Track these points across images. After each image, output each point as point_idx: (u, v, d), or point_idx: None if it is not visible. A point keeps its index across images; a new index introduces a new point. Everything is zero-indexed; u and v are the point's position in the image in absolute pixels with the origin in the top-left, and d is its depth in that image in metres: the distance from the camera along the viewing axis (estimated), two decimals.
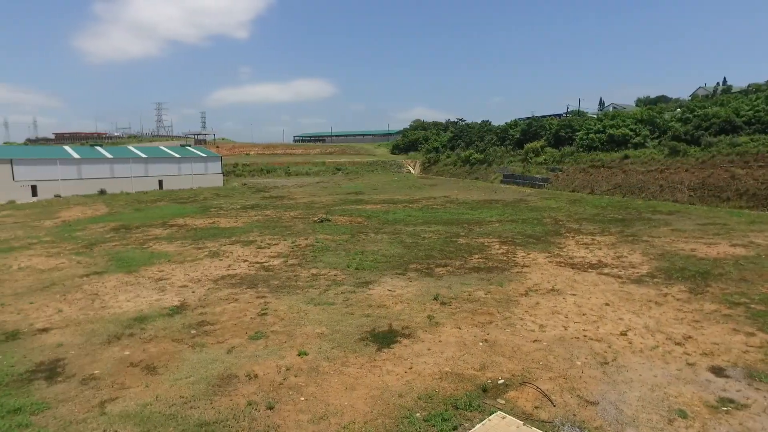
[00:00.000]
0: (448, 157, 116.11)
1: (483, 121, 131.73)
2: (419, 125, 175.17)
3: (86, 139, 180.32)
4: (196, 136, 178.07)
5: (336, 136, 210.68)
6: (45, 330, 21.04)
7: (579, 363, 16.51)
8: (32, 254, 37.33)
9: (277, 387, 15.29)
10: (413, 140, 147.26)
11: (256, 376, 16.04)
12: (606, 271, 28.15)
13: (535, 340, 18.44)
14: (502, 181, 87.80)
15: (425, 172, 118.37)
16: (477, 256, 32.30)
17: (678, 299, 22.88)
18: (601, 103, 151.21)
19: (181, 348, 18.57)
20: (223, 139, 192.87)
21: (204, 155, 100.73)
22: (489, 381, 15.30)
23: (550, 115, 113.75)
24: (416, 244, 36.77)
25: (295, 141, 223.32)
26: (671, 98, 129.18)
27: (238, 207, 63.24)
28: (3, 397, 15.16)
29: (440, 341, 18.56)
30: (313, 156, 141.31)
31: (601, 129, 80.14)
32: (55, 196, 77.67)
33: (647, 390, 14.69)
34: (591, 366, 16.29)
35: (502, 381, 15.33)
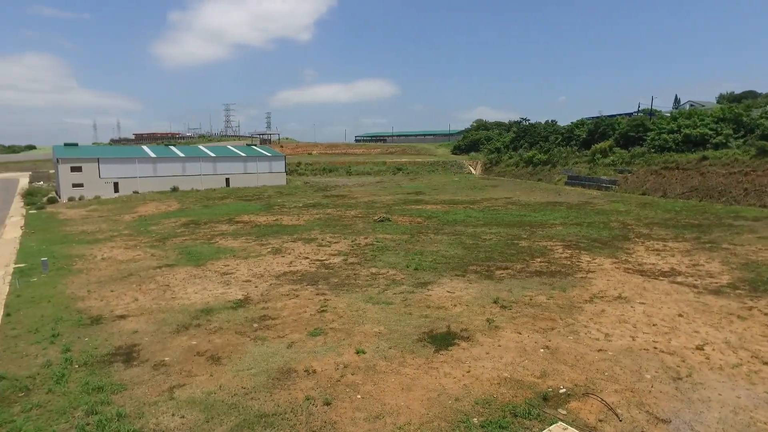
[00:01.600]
0: (510, 157, 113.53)
1: (548, 121, 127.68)
2: (481, 125, 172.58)
3: (162, 139, 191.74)
4: (261, 136, 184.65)
5: (397, 136, 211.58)
6: (123, 317, 22.52)
7: (648, 376, 15.58)
8: (113, 246, 40.10)
9: (335, 383, 15.50)
10: (475, 140, 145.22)
11: (314, 371, 16.35)
12: (680, 279, 26.43)
13: (600, 350, 17.61)
14: (566, 183, 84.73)
15: (486, 173, 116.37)
16: (539, 260, 31.33)
17: (766, 314, 21.09)
18: (677, 100, 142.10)
19: (243, 340, 19.27)
20: (287, 138, 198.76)
21: (269, 154, 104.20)
22: (550, 389, 14.77)
23: (619, 115, 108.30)
24: (476, 245, 36.18)
25: (356, 141, 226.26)
26: (761, 93, 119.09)
27: (300, 205, 64.88)
28: (88, 376, 16.41)
29: (500, 346, 18.14)
30: (374, 156, 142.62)
31: (676, 128, 75.41)
32: (134, 192, 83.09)
33: (729, 412, 13.59)
34: (662, 380, 15.33)
35: (564, 390, 14.75)
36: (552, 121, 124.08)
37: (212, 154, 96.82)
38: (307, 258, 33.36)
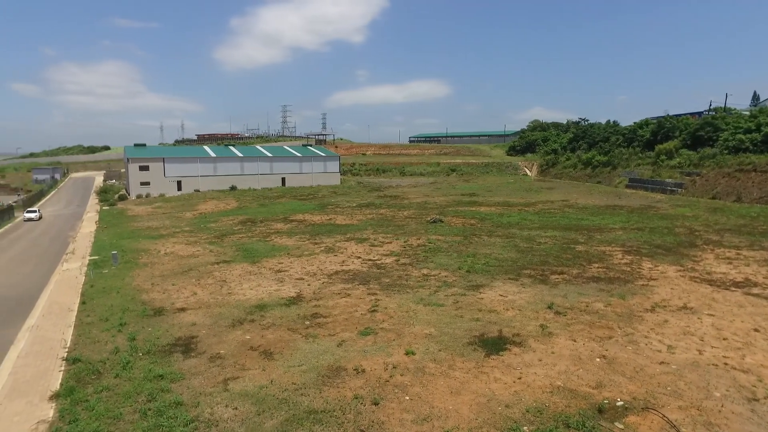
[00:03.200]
0: (567, 159, 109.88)
1: (608, 122, 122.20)
2: (537, 126, 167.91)
3: (222, 140, 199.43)
4: (316, 137, 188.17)
5: (451, 136, 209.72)
6: (183, 309, 23.57)
7: (718, 395, 14.56)
8: (175, 242, 42.10)
9: (384, 384, 15.53)
10: (531, 141, 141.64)
11: (363, 370, 16.44)
12: (755, 291, 24.59)
13: (662, 362, 16.66)
14: (627, 186, 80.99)
15: (542, 175, 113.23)
16: (596, 265, 30.11)
17: None
18: (755, 97, 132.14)
19: (295, 337, 19.67)
20: (341, 139, 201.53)
21: (323, 155, 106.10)
22: (606, 401, 14.12)
23: (687, 114, 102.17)
24: (531, 249, 35.26)
25: (410, 141, 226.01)
26: None
27: (354, 205, 65.60)
28: (151, 364, 17.30)
29: (553, 353, 17.56)
30: (428, 156, 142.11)
31: (754, 128, 70.29)
32: (195, 190, 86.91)
33: None
34: (734, 400, 14.27)
35: (621, 403, 14.06)
36: (613, 121, 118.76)
37: (269, 154, 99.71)
38: (359, 257, 33.66)
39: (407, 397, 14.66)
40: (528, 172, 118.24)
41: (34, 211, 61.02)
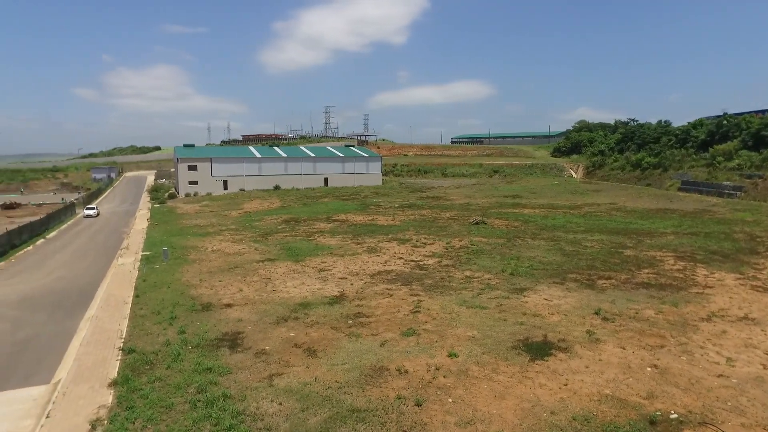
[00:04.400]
0: (615, 160, 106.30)
1: (660, 122, 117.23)
2: (584, 126, 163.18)
3: (266, 140, 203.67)
4: (359, 137, 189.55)
5: (494, 137, 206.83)
6: (229, 305, 24.27)
7: None
8: (222, 239, 43.38)
9: (426, 385, 15.49)
10: (576, 142, 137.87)
11: (406, 371, 16.46)
12: None
13: (721, 375, 15.87)
14: (679, 189, 77.57)
15: (588, 177, 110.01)
16: (647, 271, 29.01)
17: None
18: None
19: (338, 336, 19.90)
20: (383, 140, 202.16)
21: (366, 155, 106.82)
22: (658, 413, 13.58)
23: (748, 113, 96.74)
24: (577, 252, 34.34)
25: (452, 142, 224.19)
26: None
27: (396, 206, 65.72)
28: (200, 357, 17.91)
29: (600, 360, 17.04)
30: (470, 158, 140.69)
31: None
32: (240, 189, 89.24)
33: None
34: None
35: (676, 416, 13.48)
36: (665, 121, 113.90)
37: (312, 155, 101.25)
38: (401, 258, 33.71)
39: (450, 400, 14.57)
40: (573, 173, 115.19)
41: (93, 208, 64.35)
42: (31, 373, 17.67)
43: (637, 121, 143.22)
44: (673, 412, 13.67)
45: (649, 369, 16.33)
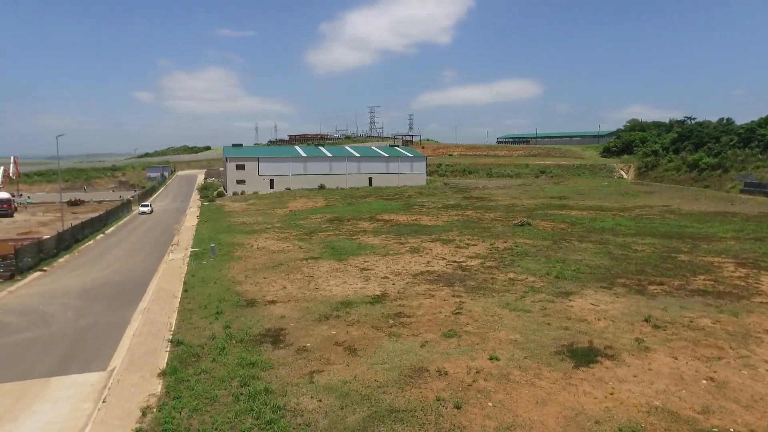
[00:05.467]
0: (669, 161, 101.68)
1: (721, 120, 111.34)
2: (636, 125, 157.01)
3: (312, 140, 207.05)
4: (403, 137, 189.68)
5: (541, 137, 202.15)
6: (273, 302, 24.79)
7: None
8: (267, 237, 44.40)
9: (466, 388, 15.28)
10: (628, 142, 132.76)
11: (446, 373, 16.30)
12: None
13: None
14: (742, 191, 73.31)
15: (640, 178, 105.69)
16: (703, 277, 27.56)
17: None
18: None
19: (379, 335, 19.94)
20: (428, 139, 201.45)
21: (410, 155, 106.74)
22: (715, 429, 12.83)
23: None
24: (626, 256, 33.04)
25: (498, 142, 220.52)
26: None
27: (440, 206, 65.33)
28: (243, 352, 18.38)
29: (650, 369, 16.29)
30: (516, 158, 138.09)
31: None
32: (286, 188, 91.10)
33: None
34: None
35: None
36: (726, 119, 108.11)
37: (357, 154, 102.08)
38: (444, 259, 33.46)
39: (490, 404, 14.32)
40: (624, 174, 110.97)
41: (147, 206, 67.49)
42: (90, 359, 18.71)
43: (694, 119, 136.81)
44: (732, 429, 12.89)
45: (704, 382, 15.48)
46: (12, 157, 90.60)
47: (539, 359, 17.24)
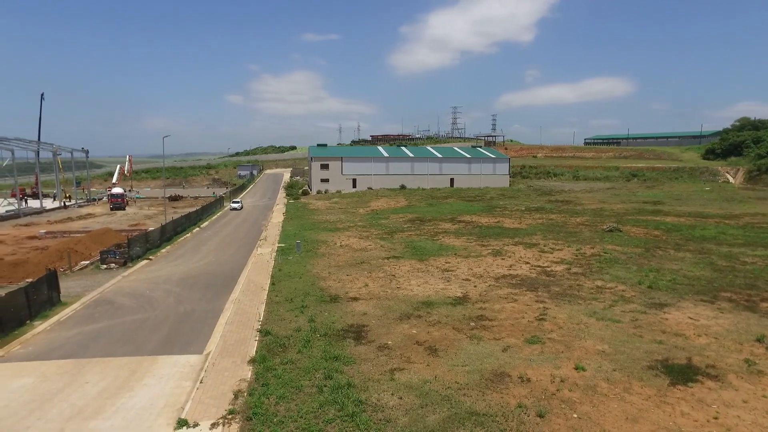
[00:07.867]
0: None
1: None
2: (746, 124, 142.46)
3: (394, 140, 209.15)
4: (485, 138, 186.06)
5: (633, 138, 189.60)
6: (355, 299, 25.42)
7: None
8: (350, 235, 45.54)
9: (549, 396, 14.80)
10: (736, 143, 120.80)
11: (528, 379, 15.88)
12: None
13: None
14: None
15: (751, 182, 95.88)
16: None
17: None
18: None
19: (460, 337, 19.82)
20: (511, 140, 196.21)
21: (493, 156, 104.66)
22: None
23: None
24: (733, 268, 30.24)
25: (585, 143, 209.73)
26: None
27: (523, 209, 63.51)
28: (327, 345, 19.06)
29: (764, 396, 14.79)
30: (605, 160, 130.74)
31: None
32: (368, 188, 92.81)
33: None
34: None
35: None
36: None
37: (438, 155, 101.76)
38: (527, 263, 32.54)
39: (575, 415, 13.76)
40: (730, 178, 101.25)
41: (237, 202, 71.86)
42: (188, 342, 20.29)
43: None
44: None
45: None
46: (127, 156, 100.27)
47: (629, 372, 16.29)
